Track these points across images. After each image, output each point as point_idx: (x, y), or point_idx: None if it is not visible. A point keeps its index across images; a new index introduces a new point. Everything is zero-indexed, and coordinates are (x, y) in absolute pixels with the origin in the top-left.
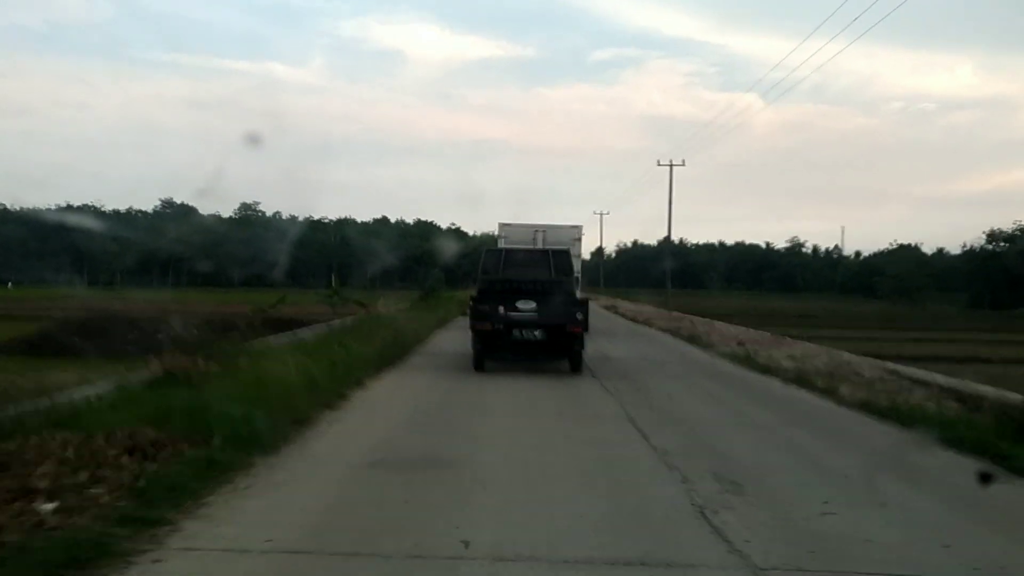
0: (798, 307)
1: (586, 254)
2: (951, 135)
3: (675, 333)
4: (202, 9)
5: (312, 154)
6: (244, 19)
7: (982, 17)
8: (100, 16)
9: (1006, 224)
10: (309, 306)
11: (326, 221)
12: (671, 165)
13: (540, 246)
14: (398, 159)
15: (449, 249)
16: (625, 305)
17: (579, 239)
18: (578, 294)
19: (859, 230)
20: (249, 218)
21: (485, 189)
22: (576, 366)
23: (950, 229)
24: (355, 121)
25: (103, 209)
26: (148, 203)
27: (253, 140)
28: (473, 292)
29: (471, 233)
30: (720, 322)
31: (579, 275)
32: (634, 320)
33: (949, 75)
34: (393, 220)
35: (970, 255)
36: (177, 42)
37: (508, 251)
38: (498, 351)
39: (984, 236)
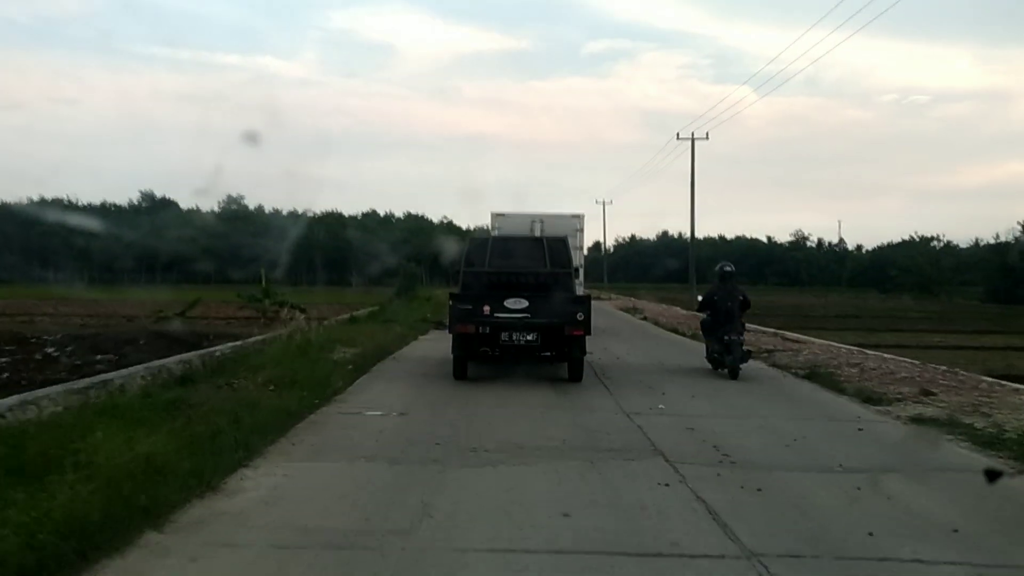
0: (822, 304)
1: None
2: (947, 127)
3: (770, 359)
4: (192, 2)
5: (303, 148)
6: (234, 12)
7: (978, 8)
8: (89, 9)
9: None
10: (236, 310)
11: (310, 215)
12: (693, 138)
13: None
14: (390, 153)
15: (440, 243)
16: (646, 306)
17: (581, 229)
18: (580, 290)
19: (855, 223)
20: (234, 212)
21: (479, 183)
22: (576, 375)
23: (950, 221)
24: (347, 115)
25: (77, 203)
26: (136, 198)
27: (245, 134)
28: (453, 289)
29: (464, 227)
30: (794, 332)
31: (581, 268)
32: (675, 331)
33: (945, 66)
34: (383, 214)
35: (1001, 247)
36: (167, 35)
37: (496, 240)
38: (483, 358)
39: (1019, 226)
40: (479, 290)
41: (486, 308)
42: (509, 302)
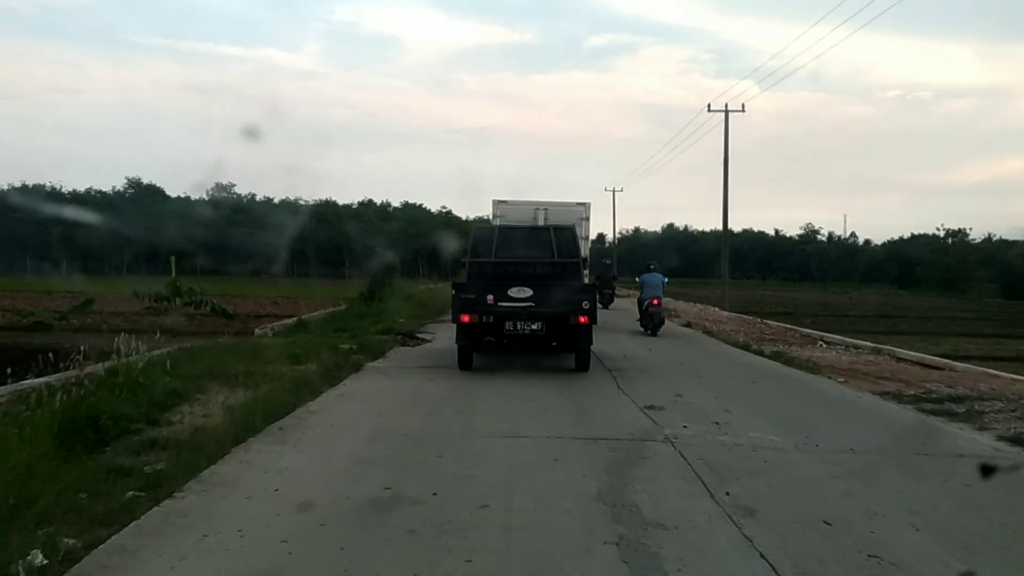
0: (847, 301)
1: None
2: (950, 123)
3: (971, 418)
4: None
5: (304, 140)
6: (238, 4)
7: (978, 5)
8: (92, 0)
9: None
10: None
11: (303, 203)
12: (726, 111)
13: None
14: (391, 145)
15: (438, 236)
16: (679, 308)
17: (586, 218)
18: (585, 279)
19: (859, 219)
20: (225, 202)
21: (481, 176)
22: (583, 365)
23: (951, 217)
24: (349, 107)
25: (61, 190)
26: (122, 185)
27: (246, 126)
28: (456, 278)
29: (464, 217)
30: (891, 346)
31: (587, 257)
32: (760, 353)
33: (947, 63)
34: (380, 203)
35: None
36: (170, 27)
37: (503, 229)
38: (487, 348)
39: None
40: (483, 280)
41: (489, 298)
42: (513, 291)
